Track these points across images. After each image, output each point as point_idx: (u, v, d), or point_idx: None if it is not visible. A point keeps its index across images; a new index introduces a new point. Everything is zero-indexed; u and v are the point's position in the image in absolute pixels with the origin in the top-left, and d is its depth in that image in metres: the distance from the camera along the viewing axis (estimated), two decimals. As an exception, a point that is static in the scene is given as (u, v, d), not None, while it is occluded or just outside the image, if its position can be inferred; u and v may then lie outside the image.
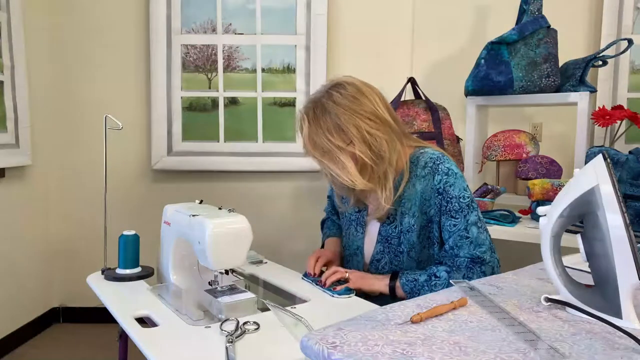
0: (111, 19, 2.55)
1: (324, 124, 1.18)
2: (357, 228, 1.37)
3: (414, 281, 1.21)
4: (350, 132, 1.16)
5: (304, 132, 1.22)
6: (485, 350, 0.62)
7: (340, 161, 1.18)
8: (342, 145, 1.17)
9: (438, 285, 1.18)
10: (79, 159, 2.59)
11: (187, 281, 1.36)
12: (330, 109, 1.18)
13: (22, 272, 2.39)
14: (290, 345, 0.91)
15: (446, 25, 2.51)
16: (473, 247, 1.19)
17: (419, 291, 1.19)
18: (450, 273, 1.20)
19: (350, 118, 1.16)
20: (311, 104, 1.22)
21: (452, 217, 1.20)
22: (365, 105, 1.18)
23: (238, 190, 2.61)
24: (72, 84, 2.57)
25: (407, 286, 1.21)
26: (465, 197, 1.21)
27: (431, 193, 1.22)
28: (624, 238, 0.71)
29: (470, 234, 1.20)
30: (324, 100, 1.20)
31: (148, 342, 0.97)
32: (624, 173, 1.58)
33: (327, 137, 1.17)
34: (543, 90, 1.95)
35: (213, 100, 2.61)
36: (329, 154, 1.19)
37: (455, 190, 1.20)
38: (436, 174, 1.21)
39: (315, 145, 1.20)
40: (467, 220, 1.20)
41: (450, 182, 1.21)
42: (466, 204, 1.21)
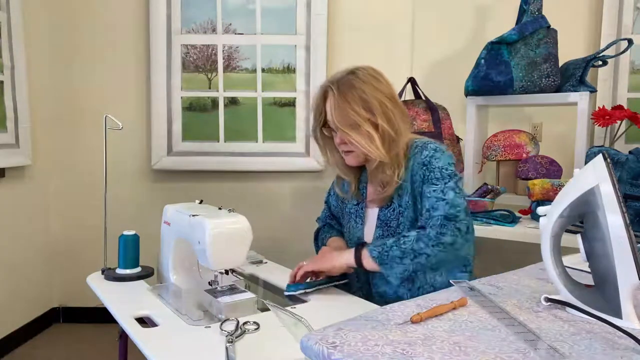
0: (111, 19, 2.55)
1: (350, 97, 1.23)
2: (356, 220, 1.39)
3: (381, 245, 1.19)
4: (374, 106, 1.23)
5: (329, 104, 1.27)
6: (485, 350, 0.62)
7: (367, 132, 1.23)
8: (369, 116, 1.23)
9: (407, 242, 1.16)
10: (79, 159, 2.59)
11: (187, 281, 1.36)
12: (355, 84, 1.24)
13: (22, 272, 2.39)
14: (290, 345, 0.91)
15: (446, 25, 2.51)
16: (448, 207, 1.18)
17: (388, 252, 1.17)
18: (420, 231, 1.18)
19: (374, 93, 1.24)
20: (335, 81, 1.28)
21: (433, 184, 1.22)
22: (384, 86, 1.27)
23: (238, 190, 2.61)
24: (72, 84, 2.57)
25: (375, 250, 1.19)
26: (449, 169, 1.23)
27: (417, 167, 1.26)
28: (624, 238, 0.71)
29: (447, 197, 1.20)
30: (349, 77, 1.26)
31: (148, 342, 0.97)
32: (624, 173, 1.58)
33: (354, 109, 1.22)
34: (543, 90, 1.95)
35: (213, 100, 2.61)
36: (354, 125, 1.23)
37: (439, 163, 1.23)
38: (424, 150, 1.26)
39: (341, 118, 1.24)
40: (447, 185, 1.21)
41: (437, 156, 1.24)
42: (447, 174, 1.22)
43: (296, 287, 1.27)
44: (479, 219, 1.80)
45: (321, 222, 1.60)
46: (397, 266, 1.16)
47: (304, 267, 1.29)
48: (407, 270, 1.16)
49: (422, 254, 1.15)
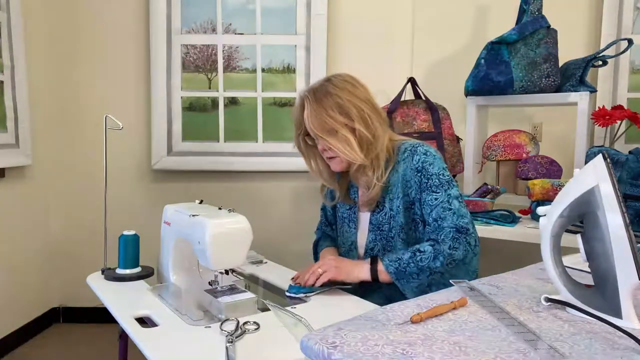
0: (111, 19, 2.55)
1: (326, 103, 1.25)
2: (349, 224, 1.41)
3: (397, 260, 1.20)
4: (351, 111, 1.25)
5: (307, 111, 1.28)
6: (485, 350, 0.62)
7: (344, 137, 1.25)
8: (345, 121, 1.25)
9: (424, 259, 1.18)
10: (79, 159, 2.59)
11: (187, 281, 1.36)
12: (331, 91, 1.26)
13: (22, 272, 2.39)
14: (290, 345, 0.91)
15: (446, 25, 2.51)
16: (456, 218, 1.21)
17: (405, 269, 1.19)
18: (435, 245, 1.20)
19: (350, 99, 1.26)
20: (311, 89, 1.31)
21: (434, 192, 1.24)
22: (360, 92, 1.29)
23: (238, 190, 2.61)
24: (72, 84, 2.57)
25: (392, 266, 1.20)
26: (445, 175, 1.25)
27: (411, 173, 1.27)
28: (624, 238, 0.71)
29: (453, 206, 1.22)
30: (325, 84, 1.29)
31: (148, 342, 0.97)
32: (624, 173, 1.58)
33: (330, 115, 1.24)
34: (543, 90, 1.95)
35: (213, 100, 2.61)
36: (331, 131, 1.26)
37: (435, 169, 1.25)
38: (415, 154, 1.27)
39: (318, 125, 1.27)
40: (449, 194, 1.23)
41: (429, 161, 1.26)
42: (446, 181, 1.24)
43: (297, 290, 1.27)
44: (479, 219, 1.80)
45: (319, 232, 1.59)
46: (413, 282, 1.19)
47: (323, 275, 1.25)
48: (423, 284, 1.19)
49: (437, 272, 1.18)
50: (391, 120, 2.12)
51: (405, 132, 2.09)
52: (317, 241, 1.58)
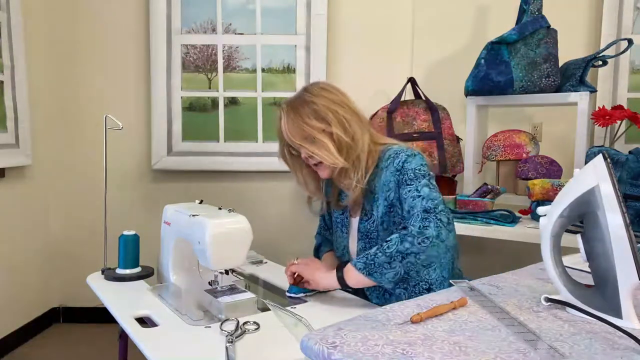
0: (111, 19, 2.55)
1: (302, 112, 1.27)
2: (342, 229, 1.41)
3: (365, 255, 1.17)
4: (328, 116, 1.27)
5: (283, 122, 1.31)
6: (485, 350, 0.62)
7: (321, 142, 1.26)
8: (322, 127, 1.26)
9: (391, 246, 1.14)
10: (79, 159, 2.59)
11: (187, 281, 1.36)
12: (307, 99, 1.29)
13: (22, 272, 2.39)
14: (290, 345, 0.91)
15: (446, 25, 2.51)
16: (425, 202, 1.19)
17: (374, 260, 1.15)
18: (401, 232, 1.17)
19: (326, 104, 1.28)
20: (288, 101, 1.34)
21: (408, 185, 1.23)
22: (336, 96, 1.31)
23: (238, 190, 2.61)
24: (72, 84, 2.57)
25: (360, 262, 1.16)
26: (422, 170, 1.24)
27: (391, 176, 1.26)
28: (624, 238, 0.71)
29: (422, 193, 1.20)
30: (301, 93, 1.33)
31: (148, 342, 0.97)
32: (624, 173, 1.58)
33: (307, 122, 1.26)
34: (543, 90, 1.95)
35: (213, 100, 2.61)
36: (309, 138, 1.27)
37: (412, 165, 1.24)
38: (396, 158, 1.27)
39: (296, 133, 1.28)
40: (419, 183, 1.22)
41: (409, 160, 1.25)
42: (421, 174, 1.23)
43: (298, 290, 1.28)
44: (479, 219, 1.80)
45: (319, 237, 1.60)
46: (387, 272, 1.13)
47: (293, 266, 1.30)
48: (398, 273, 1.13)
49: (410, 254, 1.12)
50: (391, 120, 2.12)
51: (405, 132, 2.09)
52: (318, 246, 1.58)
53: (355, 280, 1.18)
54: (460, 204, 1.91)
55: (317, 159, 1.27)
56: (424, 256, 1.12)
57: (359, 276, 1.16)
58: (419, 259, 1.12)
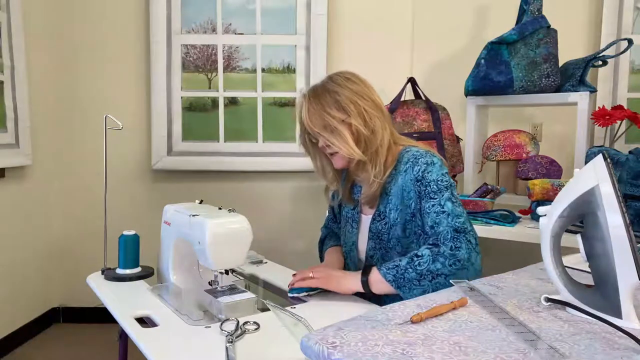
0: (111, 19, 2.55)
1: (324, 101, 1.27)
2: (352, 225, 1.40)
3: (395, 267, 1.16)
4: (348, 107, 1.25)
5: (304, 109, 1.29)
6: (485, 350, 0.62)
7: (339, 132, 1.25)
8: (342, 118, 1.25)
9: (422, 263, 1.14)
10: (79, 159, 2.59)
11: (187, 281, 1.36)
12: (330, 88, 1.28)
13: (22, 272, 2.39)
14: (290, 345, 0.91)
15: (446, 25, 2.51)
16: (451, 219, 1.18)
17: (403, 275, 1.14)
18: (433, 248, 1.16)
19: (349, 95, 1.26)
20: (312, 87, 1.32)
21: (431, 199, 1.21)
22: (361, 88, 1.29)
23: (238, 190, 2.61)
24: (72, 84, 2.57)
25: (390, 274, 1.16)
26: (444, 181, 1.23)
27: (411, 184, 1.25)
28: (624, 238, 0.71)
29: (446, 208, 1.19)
30: (325, 81, 1.31)
31: (148, 342, 0.97)
32: (624, 173, 1.58)
33: (327, 112, 1.25)
34: (543, 90, 1.95)
35: (213, 100, 2.61)
36: (328, 127, 1.26)
37: (433, 175, 1.22)
38: (416, 165, 1.25)
39: (316, 121, 1.27)
40: (443, 197, 1.21)
41: (429, 169, 1.23)
42: (444, 186, 1.22)
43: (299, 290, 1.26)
44: (479, 219, 1.80)
45: (325, 230, 1.59)
46: (415, 288, 1.13)
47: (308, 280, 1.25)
48: (427, 291, 1.12)
49: (440, 275, 1.12)
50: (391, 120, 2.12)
51: (405, 132, 2.09)
52: (323, 239, 1.57)
53: (380, 289, 1.18)
54: (460, 203, 1.91)
55: (334, 148, 1.27)
56: (453, 278, 1.11)
57: (386, 287, 1.17)
58: (448, 280, 1.11)
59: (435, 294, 0.86)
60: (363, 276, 1.20)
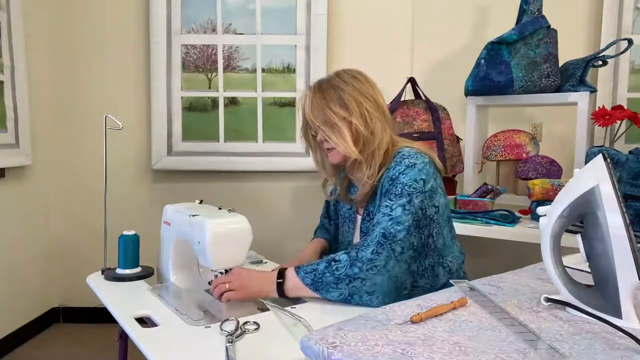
0: (111, 19, 2.55)
1: (328, 96, 1.28)
2: (349, 224, 1.42)
3: (313, 271, 1.16)
4: (350, 106, 1.26)
5: (308, 101, 1.31)
6: (485, 350, 0.62)
7: (339, 129, 1.26)
8: (344, 115, 1.26)
9: (340, 268, 1.14)
10: (79, 159, 2.59)
11: (187, 281, 1.36)
12: (336, 84, 1.29)
13: (22, 272, 2.39)
14: (290, 345, 0.91)
15: (446, 25, 2.51)
16: (391, 223, 1.17)
17: (321, 279, 1.14)
18: (351, 253, 1.16)
19: (353, 93, 1.27)
20: (318, 80, 1.34)
21: (389, 199, 1.21)
22: (368, 88, 1.30)
23: (238, 190, 2.61)
24: (72, 84, 2.57)
25: (308, 278, 1.16)
26: (412, 187, 1.20)
27: (386, 181, 1.24)
28: (624, 238, 0.71)
29: (394, 213, 1.18)
30: (332, 77, 1.32)
31: (148, 342, 0.97)
32: (624, 173, 1.58)
33: (330, 107, 1.26)
34: (543, 90, 1.95)
35: (213, 100, 2.61)
36: (329, 123, 1.27)
37: (406, 178, 1.21)
38: (398, 165, 1.24)
39: (318, 115, 1.29)
40: (399, 201, 1.19)
41: (406, 172, 1.22)
42: (409, 192, 1.20)
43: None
44: (479, 219, 1.81)
45: (319, 222, 1.63)
46: (333, 291, 1.14)
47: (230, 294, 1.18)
48: (343, 294, 1.14)
49: (357, 279, 1.13)
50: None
51: (405, 132, 2.09)
52: (316, 230, 1.61)
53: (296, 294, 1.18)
54: (460, 204, 1.91)
55: (332, 144, 1.28)
56: (369, 283, 1.14)
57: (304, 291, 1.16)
58: (364, 284, 1.14)
59: (435, 294, 0.86)
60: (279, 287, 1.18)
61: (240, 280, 1.20)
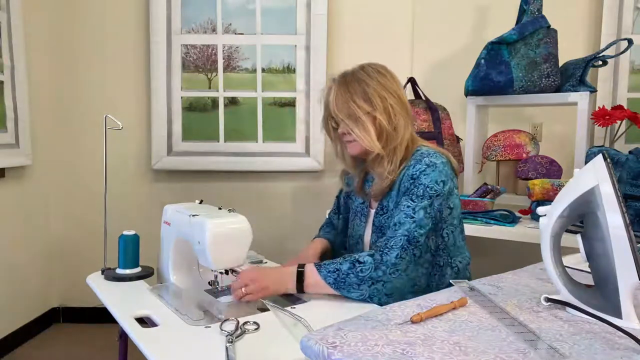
0: (111, 19, 2.55)
1: (352, 89, 1.27)
2: (360, 218, 1.41)
3: (336, 271, 1.17)
4: (375, 101, 1.26)
5: (332, 95, 1.31)
6: (485, 350, 0.62)
7: (363, 123, 1.26)
8: (368, 110, 1.26)
9: (364, 270, 1.15)
10: (79, 159, 2.59)
11: (187, 281, 1.36)
12: (360, 77, 1.28)
13: (22, 272, 2.39)
14: (290, 345, 0.91)
15: (446, 25, 2.51)
16: (414, 227, 1.18)
17: (345, 279, 1.15)
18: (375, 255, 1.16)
19: (378, 88, 1.27)
20: (342, 73, 1.33)
21: (411, 200, 1.21)
22: (391, 83, 1.30)
23: (238, 190, 2.61)
24: (72, 84, 2.57)
25: (331, 277, 1.16)
26: (434, 189, 1.21)
27: (406, 180, 1.25)
28: (624, 238, 0.71)
29: (416, 215, 1.19)
30: (356, 70, 1.31)
31: (148, 342, 0.97)
32: (624, 173, 1.58)
33: (354, 101, 1.26)
34: (543, 90, 1.95)
35: (213, 100, 2.61)
36: (353, 116, 1.27)
37: (427, 179, 1.22)
38: (418, 163, 1.25)
39: (342, 108, 1.29)
40: (421, 204, 1.20)
41: (427, 172, 1.22)
42: (430, 194, 1.21)
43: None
44: (479, 219, 1.81)
45: (328, 218, 1.63)
46: (354, 291, 1.15)
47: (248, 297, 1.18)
48: (363, 295, 1.15)
49: (379, 281, 1.15)
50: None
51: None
52: (322, 226, 1.61)
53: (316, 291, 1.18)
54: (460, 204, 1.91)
55: (354, 137, 1.28)
56: (389, 285, 1.15)
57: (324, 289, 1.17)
58: (385, 287, 1.15)
59: (435, 294, 0.86)
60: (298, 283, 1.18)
61: (257, 282, 1.19)
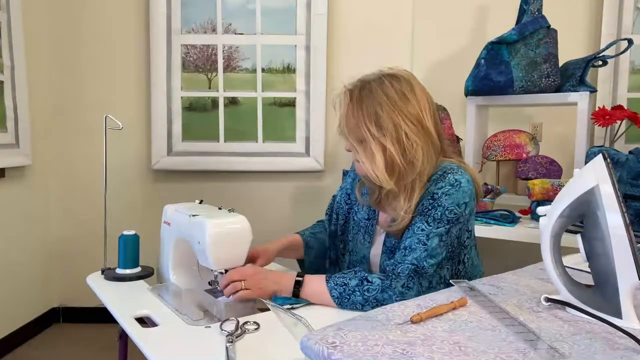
0: (111, 19, 2.55)
1: (365, 108, 1.14)
2: (364, 236, 1.31)
3: (343, 285, 1.11)
4: (386, 127, 1.12)
5: (343, 110, 1.18)
6: (485, 350, 0.62)
7: (370, 151, 1.13)
8: (377, 135, 1.12)
9: (371, 290, 1.09)
10: (79, 159, 2.59)
11: (187, 281, 1.36)
12: (376, 96, 1.13)
13: (22, 272, 2.39)
14: (290, 345, 0.91)
15: (446, 25, 2.51)
16: (424, 256, 1.10)
17: (349, 296, 1.09)
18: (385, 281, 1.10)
19: (392, 113, 1.12)
20: (359, 84, 1.18)
21: (427, 222, 1.12)
22: (412, 107, 1.14)
23: (238, 190, 2.61)
24: (72, 84, 2.57)
25: (336, 290, 1.11)
26: (454, 212, 1.12)
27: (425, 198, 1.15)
28: (624, 238, 0.71)
29: (429, 243, 1.11)
30: (374, 84, 1.15)
31: (148, 342, 0.97)
32: (624, 173, 1.58)
33: (364, 122, 1.13)
34: (543, 90, 1.95)
35: (213, 100, 2.61)
36: (362, 141, 1.15)
37: (448, 201, 1.12)
38: (440, 181, 1.14)
39: (351, 127, 1.17)
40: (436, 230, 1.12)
41: (450, 192, 1.12)
42: (448, 220, 1.12)
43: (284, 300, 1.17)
44: (479, 219, 1.80)
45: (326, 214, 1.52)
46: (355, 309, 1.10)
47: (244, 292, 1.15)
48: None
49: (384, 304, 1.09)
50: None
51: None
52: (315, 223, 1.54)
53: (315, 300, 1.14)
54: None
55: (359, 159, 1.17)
56: None
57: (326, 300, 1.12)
58: None
59: (435, 294, 0.86)
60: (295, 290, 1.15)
61: (255, 279, 1.16)
